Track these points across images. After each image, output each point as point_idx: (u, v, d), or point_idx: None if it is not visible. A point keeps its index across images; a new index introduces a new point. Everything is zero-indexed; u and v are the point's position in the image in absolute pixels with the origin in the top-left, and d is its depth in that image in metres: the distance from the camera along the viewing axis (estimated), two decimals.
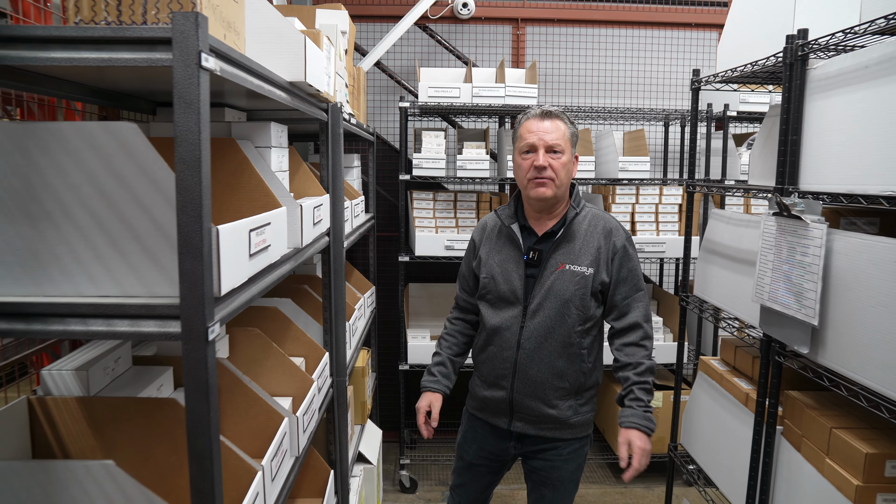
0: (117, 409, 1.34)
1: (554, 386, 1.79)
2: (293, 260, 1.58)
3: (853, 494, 1.43)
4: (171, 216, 0.99)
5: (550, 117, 1.76)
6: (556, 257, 1.77)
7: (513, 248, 1.82)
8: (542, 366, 1.78)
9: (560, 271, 1.76)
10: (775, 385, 1.74)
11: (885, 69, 1.32)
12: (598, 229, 1.79)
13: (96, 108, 1.76)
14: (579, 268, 1.76)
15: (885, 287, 1.30)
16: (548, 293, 1.76)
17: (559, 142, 1.73)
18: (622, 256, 1.78)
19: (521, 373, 1.79)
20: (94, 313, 0.99)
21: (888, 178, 1.31)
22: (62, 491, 1.06)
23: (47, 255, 1.01)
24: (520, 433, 1.86)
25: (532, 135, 1.74)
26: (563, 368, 1.78)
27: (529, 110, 1.81)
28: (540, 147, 1.73)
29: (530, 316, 1.78)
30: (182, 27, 0.91)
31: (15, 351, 1.56)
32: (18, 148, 0.98)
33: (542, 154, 1.72)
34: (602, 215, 1.84)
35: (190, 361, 0.98)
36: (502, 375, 1.83)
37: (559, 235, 1.77)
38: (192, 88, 0.93)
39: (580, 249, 1.77)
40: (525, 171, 1.76)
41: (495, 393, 1.85)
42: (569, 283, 1.75)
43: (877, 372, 1.33)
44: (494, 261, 1.84)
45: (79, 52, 0.93)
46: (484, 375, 1.88)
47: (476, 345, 1.94)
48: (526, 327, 1.78)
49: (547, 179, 1.72)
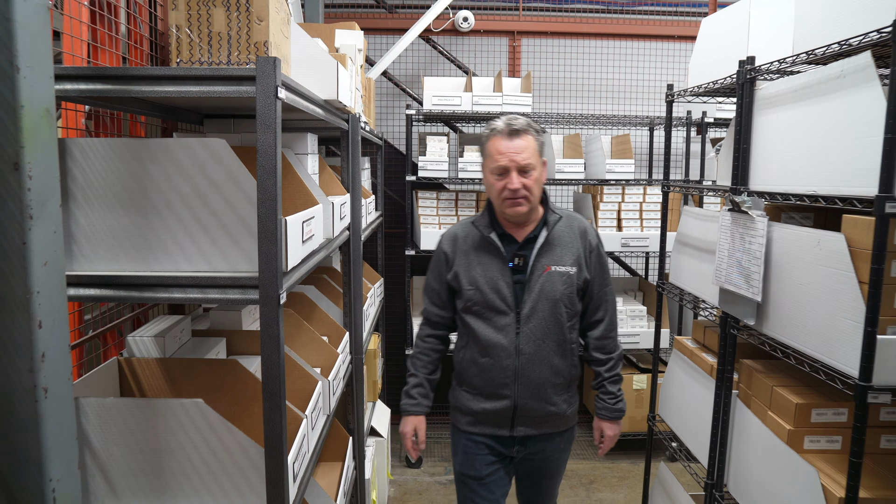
0: (189, 368, 1.65)
1: (552, 383, 1.84)
2: (326, 249, 1.89)
3: (786, 437, 1.75)
4: (250, 209, 1.30)
5: (518, 135, 1.73)
6: (542, 260, 1.81)
7: (495, 256, 1.82)
8: (542, 367, 1.81)
9: (547, 273, 1.80)
10: (731, 354, 2.07)
11: (807, 93, 1.64)
12: (575, 230, 1.85)
13: (156, 120, 2.06)
14: (564, 268, 1.81)
15: (808, 268, 1.62)
16: (539, 296, 1.79)
17: (530, 160, 1.73)
18: (597, 254, 1.88)
19: (523, 378, 1.81)
20: (191, 284, 1.30)
21: (810, 181, 1.63)
22: (163, 422, 1.37)
23: (155, 240, 1.32)
24: (523, 436, 1.89)
25: (503, 157, 1.73)
26: (559, 365, 1.84)
27: (496, 126, 1.78)
28: (512, 169, 1.73)
29: (525, 321, 1.80)
30: (264, 68, 1.23)
31: (108, 322, 1.87)
32: (136, 158, 1.30)
33: (516, 176, 1.73)
34: (574, 216, 1.90)
35: (266, 319, 1.29)
36: (503, 384, 1.83)
37: (543, 240, 1.81)
38: (270, 114, 1.24)
39: (563, 250, 1.82)
40: (498, 192, 1.76)
41: (497, 403, 1.85)
42: (557, 283, 1.80)
43: (801, 335, 1.65)
44: (477, 272, 1.82)
45: (185, 86, 1.25)
46: (479, 388, 1.87)
47: (463, 359, 1.91)
48: (522, 333, 1.80)
49: (521, 199, 1.74)
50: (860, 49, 1.47)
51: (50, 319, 1.11)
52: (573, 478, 3.53)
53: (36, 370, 1.09)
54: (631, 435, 3.79)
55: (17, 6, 1.02)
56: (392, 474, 3.60)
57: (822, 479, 1.59)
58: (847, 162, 1.48)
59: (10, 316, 1.08)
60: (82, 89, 1.25)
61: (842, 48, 1.52)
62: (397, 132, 4.31)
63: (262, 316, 1.30)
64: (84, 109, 1.70)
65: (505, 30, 4.22)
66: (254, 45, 1.33)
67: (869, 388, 1.41)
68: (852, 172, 1.46)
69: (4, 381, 1.09)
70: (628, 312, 3.73)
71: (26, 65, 1.04)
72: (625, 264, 4.42)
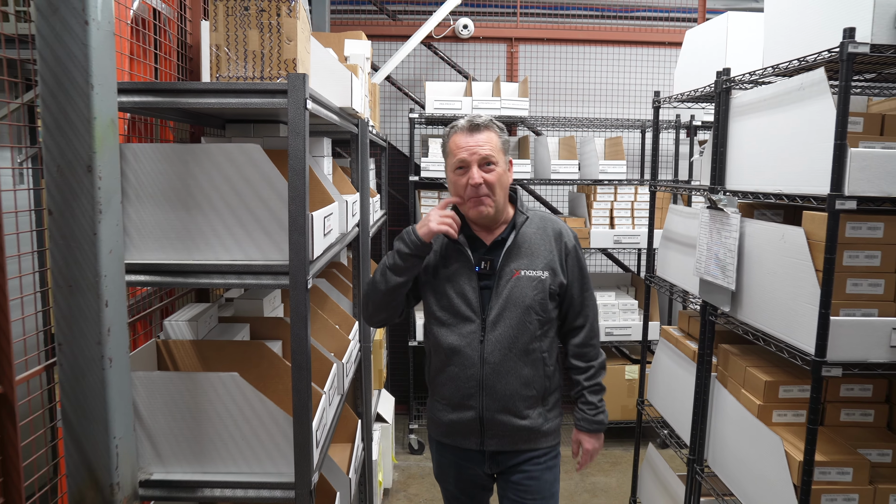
0: (220, 349, 1.84)
1: (522, 396, 1.72)
2: (340, 242, 2.08)
3: (756, 411, 1.94)
4: (281, 206, 1.49)
5: (479, 129, 1.68)
6: (510, 264, 1.71)
7: (461, 261, 1.72)
8: (509, 378, 1.71)
9: (516, 278, 1.70)
10: (710, 340, 2.26)
11: (774, 103, 1.84)
12: (548, 232, 1.76)
13: (185, 125, 2.25)
14: (535, 272, 1.71)
15: (774, 259, 1.82)
16: (506, 302, 1.69)
17: (492, 153, 1.66)
18: (575, 257, 1.77)
19: (488, 389, 1.71)
20: (230, 271, 1.49)
21: (776, 181, 1.83)
22: (202, 393, 1.56)
23: (197, 232, 1.51)
24: (493, 451, 1.77)
25: (462, 150, 1.66)
26: (528, 376, 1.72)
27: (457, 123, 1.72)
28: (473, 163, 1.66)
29: (490, 328, 1.70)
30: (294, 83, 1.42)
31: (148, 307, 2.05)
32: (181, 161, 1.48)
33: (476, 170, 1.65)
34: (549, 217, 1.80)
35: (295, 302, 1.48)
36: (468, 395, 1.73)
37: (510, 242, 1.71)
38: (300, 123, 1.43)
39: (533, 254, 1.72)
40: (461, 189, 1.68)
41: (463, 414, 1.75)
42: (526, 288, 1.69)
43: (769, 319, 1.84)
44: (443, 275, 1.74)
45: (226, 99, 1.43)
46: (447, 398, 1.77)
47: (431, 366, 1.84)
48: (487, 341, 1.70)
49: (484, 196, 1.66)
50: (816, 65, 1.67)
51: (114, 300, 1.30)
52: (567, 463, 3.73)
53: (103, 342, 1.28)
54: (624, 423, 3.99)
55: (92, 34, 1.21)
56: (396, 459, 3.79)
57: (787, 447, 1.78)
58: (805, 164, 1.68)
59: (83, 295, 1.27)
60: (136, 101, 1.44)
61: (801, 64, 1.71)
62: (399, 134, 4.50)
63: (292, 299, 1.48)
64: (125, 117, 1.88)
65: (503, 36, 4.41)
66: (284, 62, 1.52)
67: (823, 363, 1.60)
68: (810, 173, 1.66)
69: (77, 352, 1.28)
70: (621, 306, 3.93)
71: (98, 82, 1.23)
72: (617, 260, 4.61)
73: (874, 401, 1.94)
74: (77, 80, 1.22)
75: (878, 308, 1.65)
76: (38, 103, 1.25)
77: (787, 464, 1.74)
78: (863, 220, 1.62)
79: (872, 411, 1.93)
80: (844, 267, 1.64)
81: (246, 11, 1.50)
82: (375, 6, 4.42)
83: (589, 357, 1.82)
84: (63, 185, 1.24)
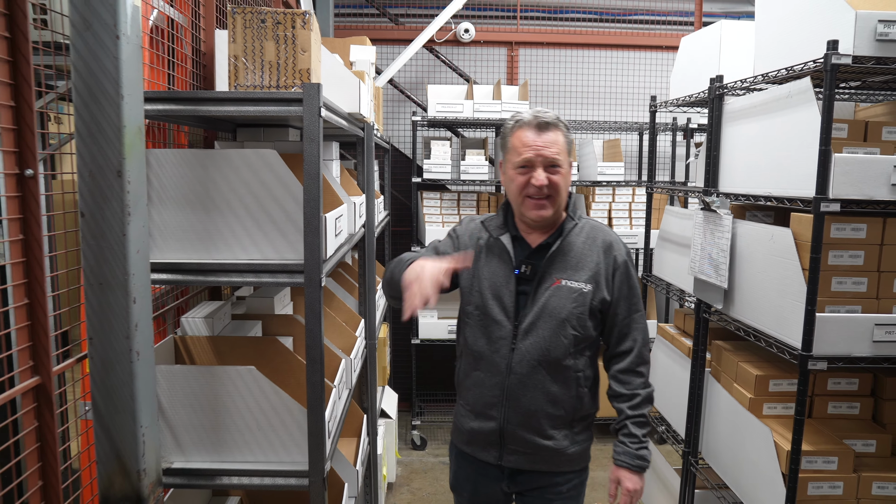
0: (234, 344, 1.92)
1: (548, 414, 1.60)
2: (349, 243, 2.16)
3: (748, 404, 2.03)
4: (296, 208, 1.57)
5: (548, 128, 1.57)
6: (552, 272, 1.59)
7: (502, 261, 1.63)
8: (535, 392, 1.59)
9: (556, 287, 1.58)
10: (704, 336, 2.35)
11: (764, 109, 1.92)
12: (598, 242, 1.62)
13: (198, 130, 2.33)
14: (577, 283, 1.58)
15: (764, 258, 1.91)
16: (542, 311, 1.58)
17: (559, 156, 1.56)
18: (624, 273, 1.62)
19: (511, 401, 1.60)
20: (248, 269, 1.58)
21: (766, 184, 1.91)
22: (220, 386, 1.65)
23: (216, 233, 1.60)
24: (513, 469, 1.66)
25: (528, 149, 1.56)
26: (557, 394, 1.59)
27: (522, 116, 1.61)
28: (538, 165, 1.55)
29: (522, 336, 1.59)
30: (310, 92, 1.50)
31: (163, 306, 2.14)
32: (201, 165, 1.57)
33: (541, 171, 1.55)
34: (601, 227, 1.67)
35: (310, 298, 1.57)
36: (491, 404, 1.63)
37: (555, 248, 1.60)
38: (314, 129, 1.51)
39: (577, 263, 1.60)
40: (520, 188, 1.58)
41: (484, 424, 1.65)
42: (565, 300, 1.57)
43: (759, 316, 1.93)
44: (483, 274, 1.64)
45: (244, 107, 1.52)
46: (470, 404, 1.68)
47: (459, 370, 1.74)
48: (517, 349, 1.59)
49: (545, 200, 1.56)
50: (803, 74, 1.75)
51: (140, 297, 1.39)
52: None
53: (131, 337, 1.37)
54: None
55: (122, 47, 1.29)
56: (400, 454, 3.88)
57: (776, 437, 1.87)
58: (793, 168, 1.77)
59: (112, 293, 1.35)
60: (160, 109, 1.53)
61: (789, 73, 1.80)
62: (401, 136, 4.58)
63: (307, 296, 1.57)
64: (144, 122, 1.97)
65: (503, 40, 4.50)
66: (298, 71, 1.60)
67: (810, 357, 1.69)
68: (797, 177, 1.75)
69: (107, 345, 1.36)
70: None
71: (128, 93, 1.32)
72: None
73: (860, 394, 2.03)
74: (108, 91, 1.30)
75: (862, 305, 1.73)
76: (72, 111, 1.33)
77: (776, 453, 1.82)
78: (847, 222, 1.71)
79: (858, 404, 2.02)
80: (829, 266, 1.72)
81: (263, 24, 1.58)
82: (377, 10, 4.50)
83: (634, 385, 1.63)
84: (95, 189, 1.32)
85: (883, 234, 1.72)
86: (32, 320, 1.29)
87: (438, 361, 4.52)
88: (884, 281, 1.73)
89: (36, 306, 1.30)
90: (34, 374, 1.31)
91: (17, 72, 1.22)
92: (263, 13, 1.58)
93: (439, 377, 4.55)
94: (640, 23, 4.64)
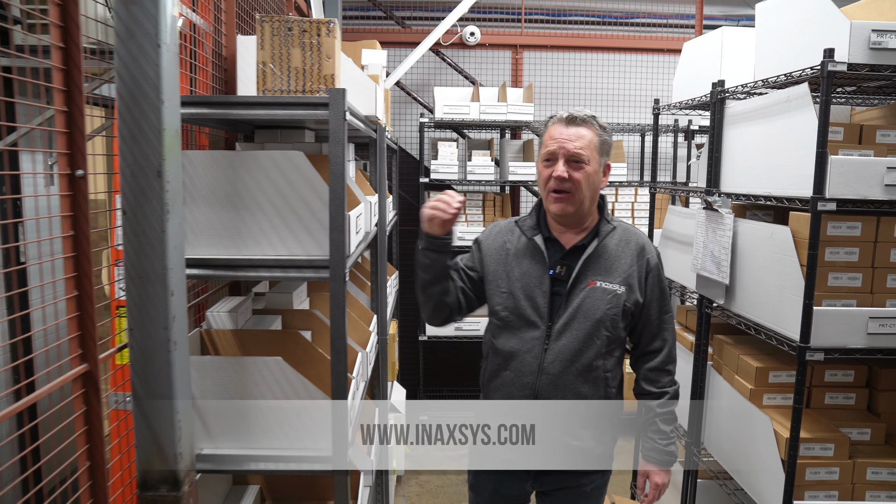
0: (257, 337, 2.01)
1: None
2: (365, 240, 2.25)
3: (748, 395, 2.12)
4: (321, 206, 1.66)
5: (576, 123, 1.60)
6: (587, 273, 1.61)
7: (536, 262, 1.64)
8: (565, 393, 1.61)
9: (590, 288, 1.60)
10: (706, 330, 2.44)
11: (764, 113, 2.01)
12: (631, 245, 1.66)
13: (216, 130, 2.42)
14: (611, 285, 1.61)
15: (764, 255, 1.99)
16: (576, 312, 1.60)
17: (582, 151, 1.57)
18: (656, 276, 1.66)
19: (542, 400, 1.63)
20: (276, 265, 1.66)
21: (766, 184, 2.00)
22: (247, 376, 1.73)
23: (245, 230, 1.68)
24: (539, 470, 1.69)
25: (553, 142, 1.59)
26: (586, 394, 1.62)
27: (558, 113, 1.65)
28: (560, 156, 1.58)
29: (555, 337, 1.60)
30: (335, 96, 1.59)
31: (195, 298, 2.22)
32: (231, 166, 1.65)
33: (561, 164, 1.57)
34: (633, 230, 1.71)
35: (335, 292, 1.65)
36: (520, 405, 1.65)
37: (591, 251, 1.62)
38: (340, 132, 1.60)
39: (612, 266, 1.62)
40: (545, 181, 1.62)
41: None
42: (600, 301, 1.60)
43: (759, 310, 2.02)
44: (514, 275, 1.65)
45: (273, 111, 1.60)
46: (497, 405, 1.69)
47: (486, 370, 1.75)
48: (550, 350, 1.60)
49: (565, 193, 1.58)
50: (800, 80, 1.84)
51: (177, 290, 1.47)
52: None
53: (169, 327, 1.45)
54: (625, 415, 4.15)
55: (163, 55, 1.38)
56: (408, 448, 3.96)
57: (775, 426, 1.96)
58: (792, 169, 1.86)
59: (152, 286, 1.44)
60: (193, 113, 1.61)
61: (787, 79, 1.89)
62: (407, 137, 4.67)
63: (332, 290, 1.65)
64: None
65: (508, 43, 4.59)
66: (323, 77, 1.69)
67: (807, 349, 1.78)
68: (795, 178, 1.84)
69: (146, 336, 1.45)
70: None
71: (167, 97, 1.40)
72: None
73: (856, 385, 2.12)
74: (150, 96, 1.38)
75: (857, 299, 1.82)
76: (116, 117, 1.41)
77: (775, 441, 1.91)
78: (842, 220, 1.80)
79: (854, 395, 2.11)
80: (826, 262, 1.81)
81: (290, 32, 1.67)
82: (384, 13, 4.59)
83: (664, 384, 1.70)
84: (136, 188, 1.41)
85: (877, 231, 1.81)
86: (81, 311, 1.38)
87: (444, 359, 4.61)
88: (877, 276, 1.82)
89: (84, 298, 1.38)
90: (82, 361, 1.39)
91: (69, 79, 1.31)
92: (290, 22, 1.66)
93: (445, 374, 4.64)
94: (641, 26, 4.73)
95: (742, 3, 4.78)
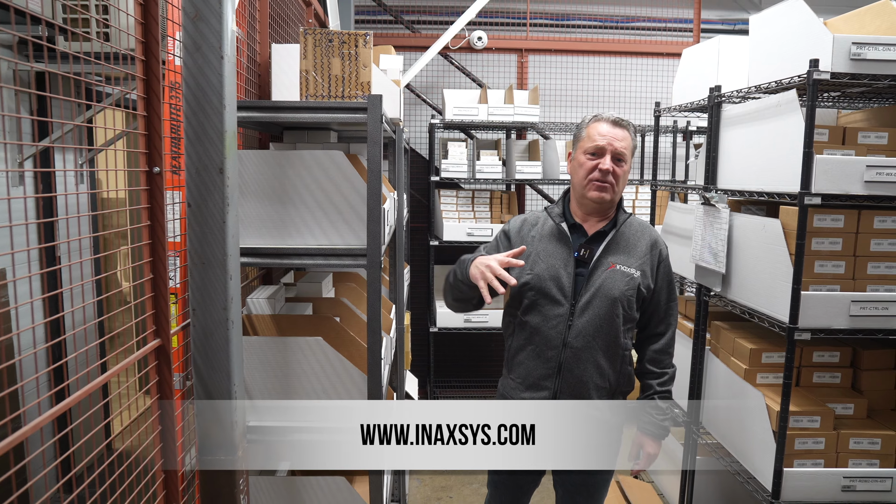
0: (293, 322, 2.19)
1: (597, 385, 1.78)
2: (389, 232, 2.43)
3: (743, 374, 2.31)
4: (359, 200, 1.84)
5: (621, 126, 1.79)
6: (608, 257, 1.79)
7: (562, 246, 1.81)
8: (587, 364, 1.76)
9: (611, 270, 1.77)
10: (704, 317, 2.63)
11: (757, 116, 2.20)
12: (645, 237, 1.84)
13: (250, 131, 2.60)
14: (629, 269, 1.78)
15: (757, 245, 2.19)
16: (597, 291, 1.76)
17: (626, 151, 1.77)
18: (666, 266, 1.86)
19: (566, 372, 1.77)
20: (318, 253, 1.85)
21: (759, 181, 2.19)
22: (290, 354, 1.91)
23: (289, 223, 1.86)
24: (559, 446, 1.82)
25: (603, 138, 1.76)
26: (605, 368, 1.78)
27: (601, 114, 1.82)
28: (608, 152, 1.76)
29: (579, 314, 1.76)
30: (373, 102, 1.77)
31: None
32: (278, 164, 1.84)
33: (608, 159, 1.75)
34: (647, 225, 1.89)
35: (371, 278, 1.84)
36: (545, 375, 1.79)
37: (612, 235, 1.81)
38: (377, 133, 1.78)
39: (629, 252, 1.80)
40: (587, 172, 1.78)
41: (536, 394, 1.81)
42: (619, 282, 1.76)
43: (753, 296, 2.21)
44: (541, 257, 1.81)
45: (317, 114, 1.79)
46: (522, 377, 1.84)
47: (510, 346, 1.88)
48: (574, 325, 1.76)
49: (608, 185, 1.76)
50: (789, 87, 2.03)
51: (234, 275, 1.66)
52: None
53: (228, 308, 1.63)
54: None
55: (225, 66, 1.56)
56: None
57: (767, 401, 2.15)
58: (782, 167, 2.05)
59: (213, 271, 1.62)
60: (244, 116, 1.79)
61: (778, 85, 2.08)
62: (417, 137, 4.85)
63: (369, 275, 1.84)
64: None
65: (514, 47, 4.78)
66: (360, 84, 1.88)
67: (796, 329, 1.97)
68: (785, 175, 2.03)
69: (207, 316, 1.63)
70: None
71: (227, 103, 1.58)
72: None
73: (841, 365, 2.31)
74: (213, 102, 1.56)
75: (840, 284, 2.02)
76: (182, 120, 1.60)
77: (767, 414, 2.10)
78: (827, 213, 1.99)
79: (839, 374, 2.30)
80: (812, 251, 2.00)
81: (330, 43, 1.85)
82: (393, 17, 4.77)
83: (664, 364, 1.88)
84: (200, 183, 1.59)
85: (858, 223, 2.00)
86: (156, 292, 1.56)
87: (454, 350, 4.80)
88: (859, 264, 2.01)
89: (158, 280, 1.56)
90: (156, 336, 1.57)
91: (149, 88, 1.49)
92: (331, 34, 1.85)
93: (454, 365, 4.83)
94: (641, 29, 4.93)
95: (738, 9, 4.98)
